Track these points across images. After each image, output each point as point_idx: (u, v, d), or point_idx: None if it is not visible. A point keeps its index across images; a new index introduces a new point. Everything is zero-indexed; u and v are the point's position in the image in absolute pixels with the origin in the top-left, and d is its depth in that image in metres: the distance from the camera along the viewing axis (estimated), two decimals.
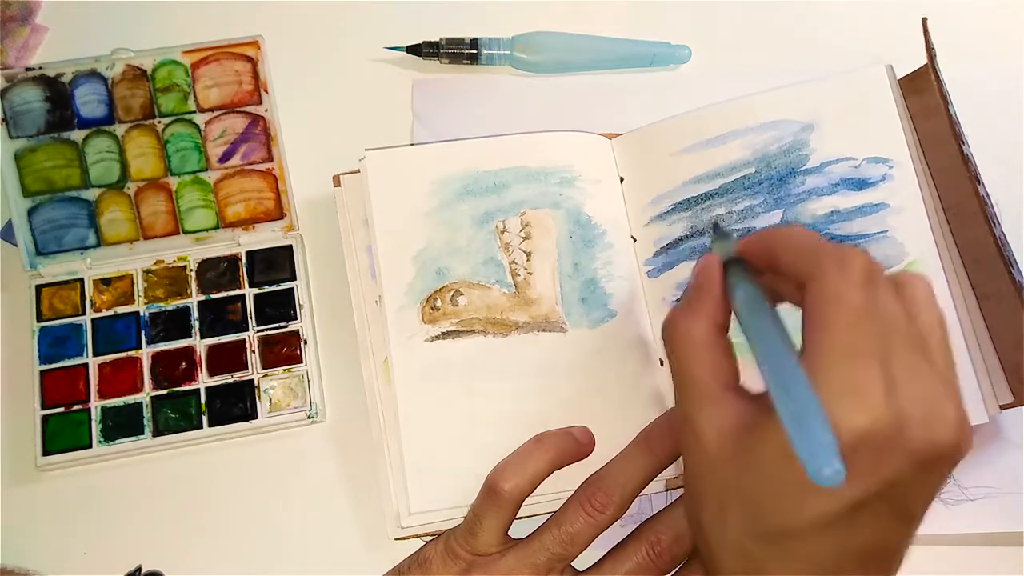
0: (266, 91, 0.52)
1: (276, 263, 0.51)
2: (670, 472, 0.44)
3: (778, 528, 0.32)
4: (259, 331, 0.50)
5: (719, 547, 0.34)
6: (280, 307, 0.50)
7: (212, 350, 0.50)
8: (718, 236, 0.38)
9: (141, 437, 0.48)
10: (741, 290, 0.35)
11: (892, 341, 0.31)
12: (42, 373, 0.49)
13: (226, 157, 0.52)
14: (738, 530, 0.33)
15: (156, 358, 0.49)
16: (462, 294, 0.47)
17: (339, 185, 0.49)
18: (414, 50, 0.54)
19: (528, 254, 0.47)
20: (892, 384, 0.30)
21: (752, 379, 0.34)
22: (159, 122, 0.52)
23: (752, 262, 0.36)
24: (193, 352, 0.50)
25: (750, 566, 0.33)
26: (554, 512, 0.42)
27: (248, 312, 0.50)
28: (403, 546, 0.45)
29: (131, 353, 0.49)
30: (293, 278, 0.51)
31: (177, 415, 0.49)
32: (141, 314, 0.50)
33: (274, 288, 0.51)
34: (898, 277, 0.34)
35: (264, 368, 0.49)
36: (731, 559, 0.34)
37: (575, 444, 0.43)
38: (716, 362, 0.35)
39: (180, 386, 0.49)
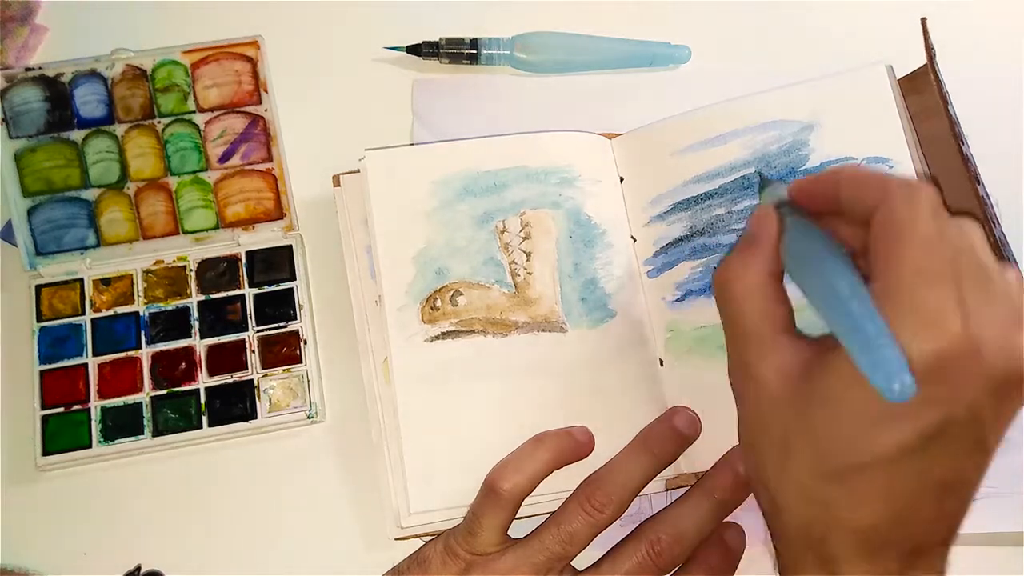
0: (266, 91, 0.52)
1: (276, 263, 0.51)
2: (670, 472, 0.44)
3: (848, 464, 0.31)
4: (259, 331, 0.50)
5: (784, 493, 0.33)
6: (280, 307, 0.50)
7: (212, 350, 0.50)
8: (765, 184, 0.38)
9: (141, 437, 0.48)
10: (794, 226, 0.35)
11: (963, 269, 0.30)
12: (42, 373, 0.49)
13: (226, 157, 0.52)
14: (804, 471, 0.32)
15: (156, 358, 0.49)
16: (462, 294, 0.47)
17: (339, 185, 0.49)
18: (414, 50, 0.54)
19: (528, 254, 0.47)
20: (966, 309, 0.29)
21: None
22: (159, 122, 0.52)
23: (806, 206, 0.36)
24: (193, 352, 0.50)
25: (820, 510, 0.32)
26: (554, 512, 0.42)
27: (248, 312, 0.50)
28: (403, 546, 0.45)
29: (131, 353, 0.49)
30: (293, 278, 0.51)
31: (177, 415, 0.49)
32: (141, 314, 0.50)
33: (274, 288, 0.51)
34: (957, 219, 0.33)
35: (264, 368, 0.49)
36: (799, 504, 0.33)
37: (575, 444, 0.43)
38: (771, 308, 0.35)
39: (180, 386, 0.49)
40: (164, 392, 0.49)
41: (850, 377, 0.30)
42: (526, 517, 0.43)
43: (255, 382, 0.49)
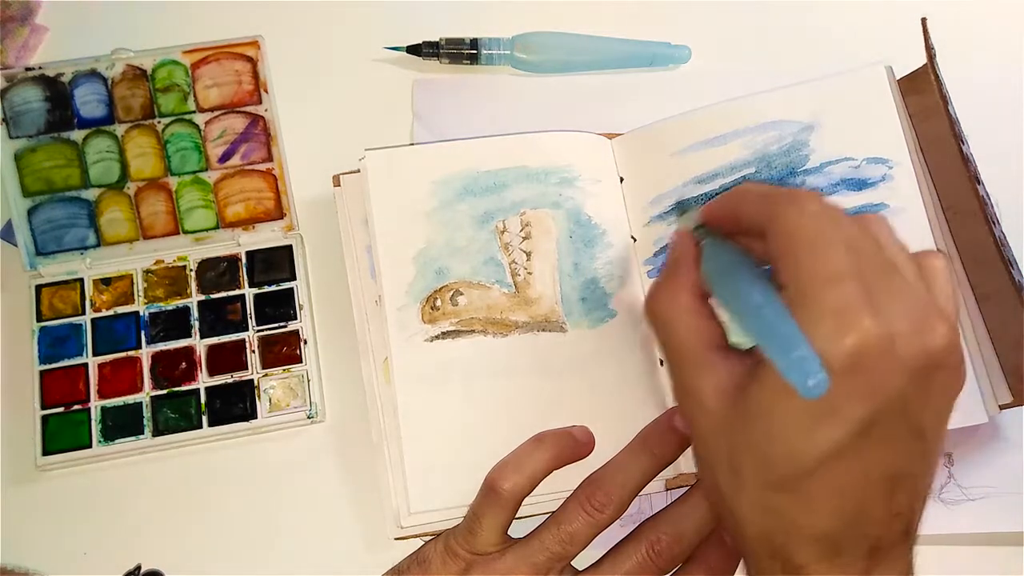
0: (266, 91, 0.52)
1: (276, 263, 0.51)
2: (670, 472, 0.44)
3: (792, 472, 0.31)
4: (259, 331, 0.50)
5: (740, 508, 0.34)
6: (280, 307, 0.50)
7: (212, 350, 0.50)
8: (681, 211, 0.39)
9: (141, 437, 0.48)
10: (707, 248, 0.37)
11: (865, 264, 0.31)
12: (42, 373, 0.49)
13: (226, 157, 0.52)
14: (755, 485, 0.33)
15: (156, 358, 0.49)
16: (462, 294, 0.47)
17: (339, 185, 0.49)
18: (414, 50, 0.54)
19: (528, 254, 0.47)
20: (874, 301, 0.30)
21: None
22: (159, 122, 0.52)
23: (719, 227, 0.37)
24: (193, 352, 0.50)
25: (775, 520, 0.33)
26: (554, 512, 0.42)
27: (248, 312, 0.50)
28: (403, 546, 0.44)
29: (131, 353, 0.49)
30: (293, 278, 0.51)
31: (177, 415, 0.49)
32: (141, 314, 0.50)
33: (274, 288, 0.51)
34: (857, 216, 0.34)
35: (264, 368, 0.49)
36: (755, 516, 0.33)
37: (575, 444, 0.43)
38: (701, 326, 0.35)
39: (180, 386, 0.49)
40: (164, 392, 0.49)
41: (780, 387, 0.30)
42: (526, 517, 0.43)
43: (255, 382, 0.49)
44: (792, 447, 0.31)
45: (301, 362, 0.49)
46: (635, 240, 0.49)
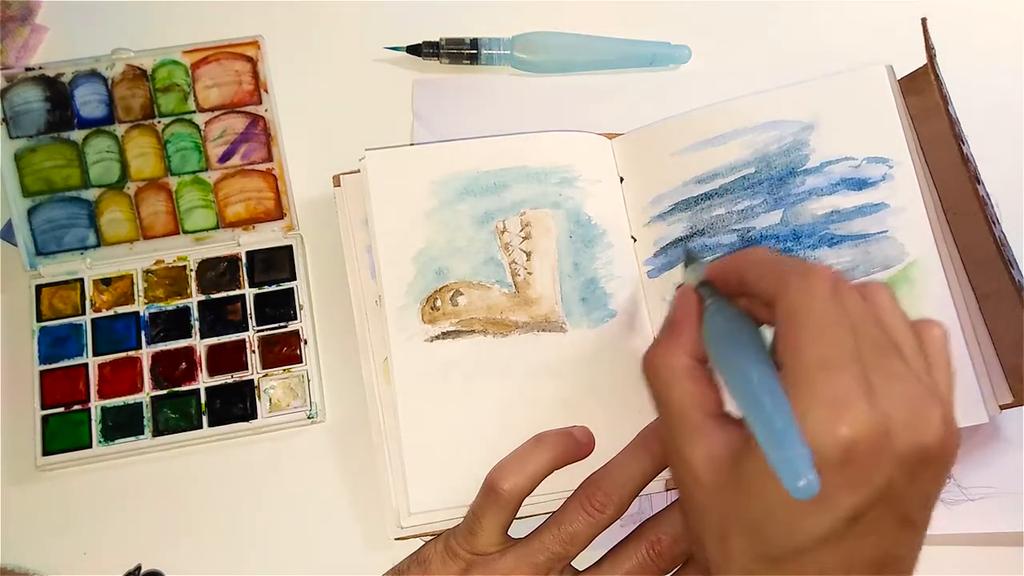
0: (266, 91, 0.52)
1: (276, 263, 0.51)
2: (670, 472, 0.44)
3: (781, 549, 0.31)
4: (259, 331, 0.50)
5: (730, 574, 0.34)
6: (280, 307, 0.50)
7: (212, 350, 0.50)
8: (689, 261, 0.38)
9: (141, 437, 0.48)
10: (709, 312, 0.36)
11: (866, 348, 0.31)
12: (42, 373, 0.49)
13: (226, 157, 0.52)
14: (744, 556, 0.33)
15: (156, 358, 0.49)
16: (462, 294, 0.47)
17: (339, 185, 0.49)
18: (414, 50, 0.54)
19: (528, 254, 0.47)
20: (871, 390, 0.30)
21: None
22: (159, 122, 0.52)
23: (724, 286, 0.37)
24: (193, 352, 0.50)
25: None
26: (554, 512, 0.42)
27: (248, 312, 0.50)
28: (403, 546, 0.44)
29: (131, 353, 0.49)
30: (293, 278, 0.51)
31: (177, 415, 0.49)
32: (141, 314, 0.50)
33: (274, 288, 0.51)
34: (863, 286, 0.34)
35: (264, 368, 0.49)
36: None
37: (575, 444, 0.43)
38: (699, 392, 0.35)
39: (180, 386, 0.49)
40: (164, 392, 0.49)
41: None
42: (526, 517, 0.43)
43: (255, 382, 0.49)
44: (782, 527, 0.31)
45: (301, 362, 0.49)
46: (635, 240, 0.49)
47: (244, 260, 0.51)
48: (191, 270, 0.51)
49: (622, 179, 0.49)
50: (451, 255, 0.47)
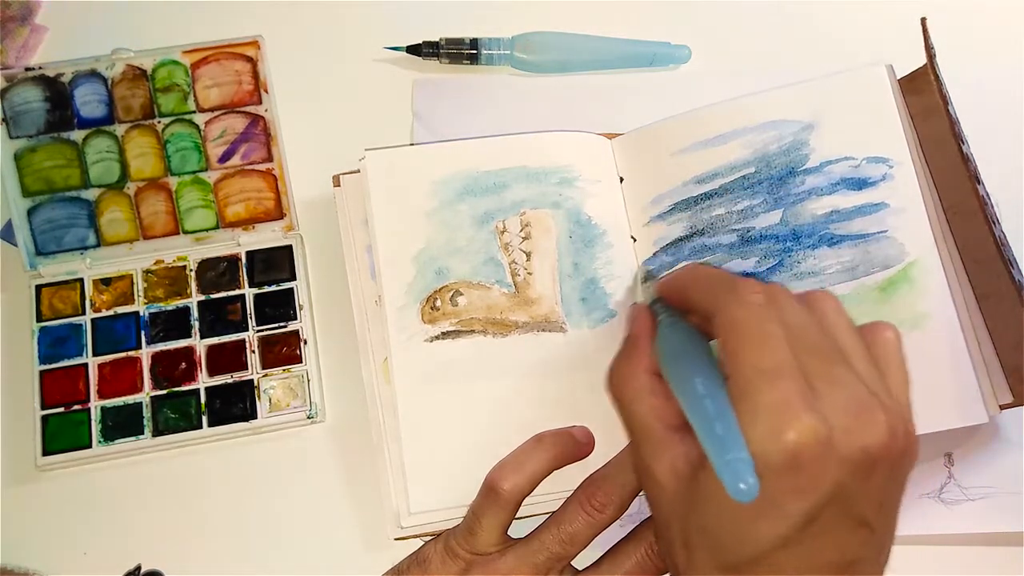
0: (266, 91, 0.52)
1: (276, 263, 0.51)
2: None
3: (738, 556, 0.32)
4: (259, 331, 0.50)
5: None
6: (280, 307, 0.50)
7: (212, 350, 0.50)
8: (647, 279, 0.39)
9: (141, 437, 0.48)
10: (661, 327, 0.37)
11: (808, 354, 0.31)
12: (42, 373, 0.49)
13: (226, 157, 0.52)
14: (707, 565, 0.33)
15: (156, 358, 0.49)
16: (462, 294, 0.47)
17: (339, 185, 0.49)
18: (414, 50, 0.54)
19: (528, 254, 0.47)
20: (813, 395, 0.30)
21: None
22: (159, 122, 0.52)
23: (674, 303, 0.38)
24: (193, 352, 0.50)
25: None
26: (554, 512, 0.42)
27: (248, 312, 0.50)
28: (403, 546, 0.44)
29: (131, 353, 0.49)
30: (293, 278, 0.51)
31: (177, 415, 0.49)
32: (141, 314, 0.50)
33: (274, 288, 0.51)
34: (804, 295, 0.34)
35: (264, 368, 0.49)
36: None
37: (575, 444, 0.43)
38: (660, 405, 0.36)
39: (180, 386, 0.49)
40: (164, 392, 0.49)
41: None
42: (526, 517, 0.43)
43: (255, 382, 0.49)
44: (739, 535, 0.32)
45: (301, 362, 0.49)
46: (635, 240, 0.49)
47: (244, 260, 0.51)
48: (191, 270, 0.51)
49: (622, 179, 0.49)
50: (451, 255, 0.47)
